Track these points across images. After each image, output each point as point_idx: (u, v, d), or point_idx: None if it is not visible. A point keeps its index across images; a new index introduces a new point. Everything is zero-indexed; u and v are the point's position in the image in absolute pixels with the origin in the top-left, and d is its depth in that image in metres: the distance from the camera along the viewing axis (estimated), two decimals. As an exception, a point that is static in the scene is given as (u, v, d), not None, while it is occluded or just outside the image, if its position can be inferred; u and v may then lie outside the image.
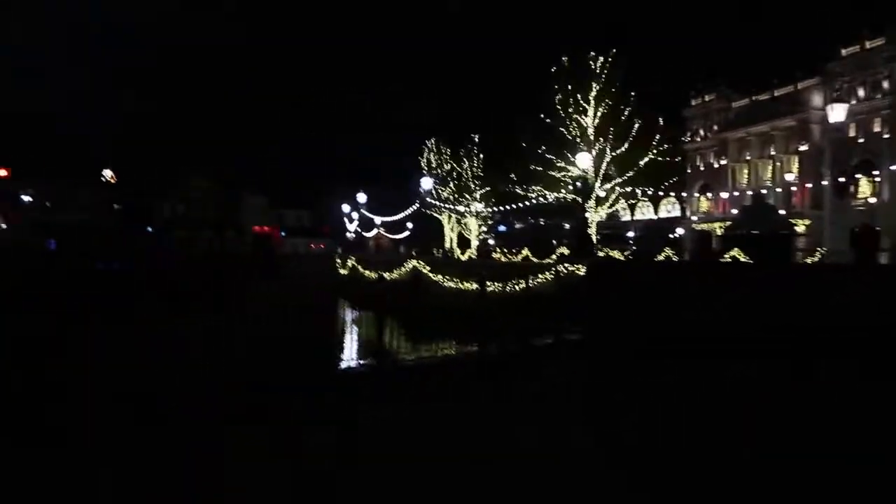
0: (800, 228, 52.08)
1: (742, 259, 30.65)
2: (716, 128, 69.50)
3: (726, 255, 32.46)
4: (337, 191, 76.75)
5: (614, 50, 39.80)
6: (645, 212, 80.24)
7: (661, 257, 38.14)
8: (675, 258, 37.13)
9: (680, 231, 70.49)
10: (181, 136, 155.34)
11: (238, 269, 61.22)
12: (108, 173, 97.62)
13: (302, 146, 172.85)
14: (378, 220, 71.40)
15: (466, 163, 60.39)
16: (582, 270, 23.74)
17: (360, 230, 71.83)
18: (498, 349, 15.63)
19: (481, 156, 59.84)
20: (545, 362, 14.38)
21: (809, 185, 57.64)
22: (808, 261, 34.75)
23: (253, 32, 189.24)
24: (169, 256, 66.89)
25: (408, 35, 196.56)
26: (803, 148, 58.80)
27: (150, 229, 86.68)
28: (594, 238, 39.78)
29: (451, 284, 30.57)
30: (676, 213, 75.85)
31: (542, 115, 41.37)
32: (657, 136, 39.91)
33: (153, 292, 41.28)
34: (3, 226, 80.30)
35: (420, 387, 12.50)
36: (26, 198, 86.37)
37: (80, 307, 33.84)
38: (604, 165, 40.18)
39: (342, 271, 54.15)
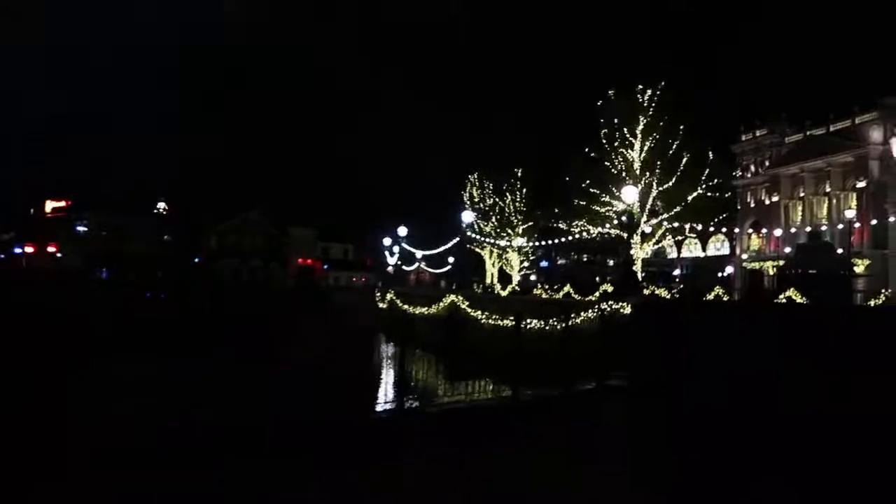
0: (859, 268, 49.57)
1: (798, 300, 29.06)
2: (767, 163, 67.49)
3: (781, 296, 30.91)
4: (380, 224, 76.98)
5: (663, 83, 39.02)
6: (692, 249, 78.08)
7: (710, 296, 36.62)
8: (725, 297, 35.56)
9: (730, 269, 68.22)
10: (234, 169, 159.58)
11: (279, 302, 61.45)
12: (161, 205, 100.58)
13: (350, 181, 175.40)
14: (419, 253, 71.04)
15: (509, 197, 59.79)
16: (627, 309, 22.59)
17: (400, 264, 71.54)
18: (532, 394, 14.66)
19: (524, 190, 59.23)
20: (583, 408, 13.36)
21: (873, 223, 54.97)
22: (871, 303, 32.78)
23: (302, 70, 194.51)
24: (210, 287, 67.61)
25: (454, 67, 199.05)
26: (861, 184, 56.43)
27: (197, 260, 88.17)
28: (639, 275, 38.45)
29: (489, 321, 29.66)
30: (725, 250, 73.59)
31: (587, 149, 40.62)
32: (706, 171, 38.67)
33: (192, 323, 41.45)
34: (59, 255, 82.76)
35: (444, 434, 11.69)
36: (82, 228, 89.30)
37: (122, 337, 34.08)
38: (650, 200, 39.03)
39: (381, 305, 53.67)
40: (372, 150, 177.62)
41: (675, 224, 40.47)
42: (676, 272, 67.74)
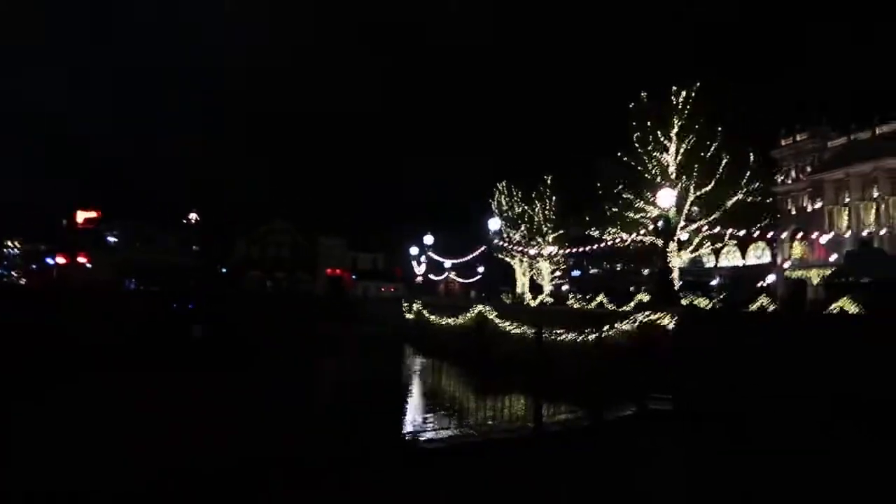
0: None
1: (852, 310, 26.91)
2: (809, 169, 64.71)
3: (832, 306, 28.73)
4: (408, 233, 75.68)
5: (698, 83, 37.09)
6: (731, 258, 75.16)
7: (753, 307, 34.54)
8: (771, 307, 33.44)
9: (771, 278, 65.36)
10: (263, 179, 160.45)
11: (306, 312, 60.62)
12: (193, 216, 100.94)
13: (378, 190, 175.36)
14: (447, 263, 69.54)
15: (538, 205, 58.10)
16: (665, 320, 20.85)
17: (428, 274, 70.12)
18: (559, 423, 12.93)
19: (554, 198, 57.47)
20: (622, 445, 11.55)
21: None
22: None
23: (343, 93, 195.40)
24: (238, 297, 67.13)
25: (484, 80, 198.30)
26: (912, 188, 53.56)
27: (224, 270, 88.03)
28: (676, 285, 36.42)
29: (518, 331, 28.10)
30: (766, 258, 70.59)
31: (619, 154, 38.84)
32: (747, 174, 36.54)
33: (217, 339, 40.62)
34: (89, 265, 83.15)
35: (440, 486, 10.02)
36: (112, 239, 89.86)
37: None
38: (687, 205, 37.03)
39: (408, 316, 52.31)
40: (399, 158, 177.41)
41: (715, 230, 38.38)
42: (715, 281, 65.07)
